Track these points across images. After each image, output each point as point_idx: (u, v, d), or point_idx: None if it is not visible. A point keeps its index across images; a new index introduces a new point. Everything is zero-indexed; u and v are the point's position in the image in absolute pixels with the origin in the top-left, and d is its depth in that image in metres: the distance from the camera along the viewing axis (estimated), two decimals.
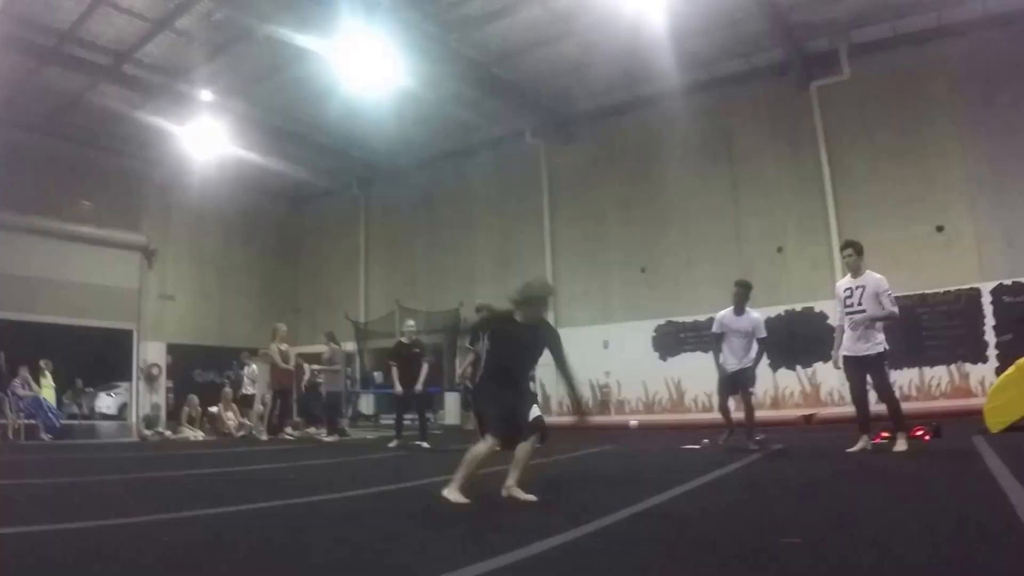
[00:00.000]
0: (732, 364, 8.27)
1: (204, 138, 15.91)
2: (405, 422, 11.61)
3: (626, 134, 16.28)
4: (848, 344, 7.39)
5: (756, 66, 14.53)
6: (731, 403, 8.65)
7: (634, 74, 14.76)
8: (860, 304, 7.30)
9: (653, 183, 15.78)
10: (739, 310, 8.32)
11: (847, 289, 7.46)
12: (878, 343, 7.26)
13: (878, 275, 7.40)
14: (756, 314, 8.40)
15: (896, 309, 7.37)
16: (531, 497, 4.48)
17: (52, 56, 14.26)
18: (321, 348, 14.51)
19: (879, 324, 7.29)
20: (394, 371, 11.08)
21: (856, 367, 7.39)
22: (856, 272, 7.49)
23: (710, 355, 8.95)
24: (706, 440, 8.64)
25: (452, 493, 4.41)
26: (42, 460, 9.63)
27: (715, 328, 8.50)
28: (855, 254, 7.50)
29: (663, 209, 15.64)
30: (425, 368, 11.12)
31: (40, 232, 16.52)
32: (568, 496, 5.28)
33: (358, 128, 17.06)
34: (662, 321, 15.26)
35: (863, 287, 7.33)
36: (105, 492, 6.08)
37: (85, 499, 5.55)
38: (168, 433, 15.51)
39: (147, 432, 15.50)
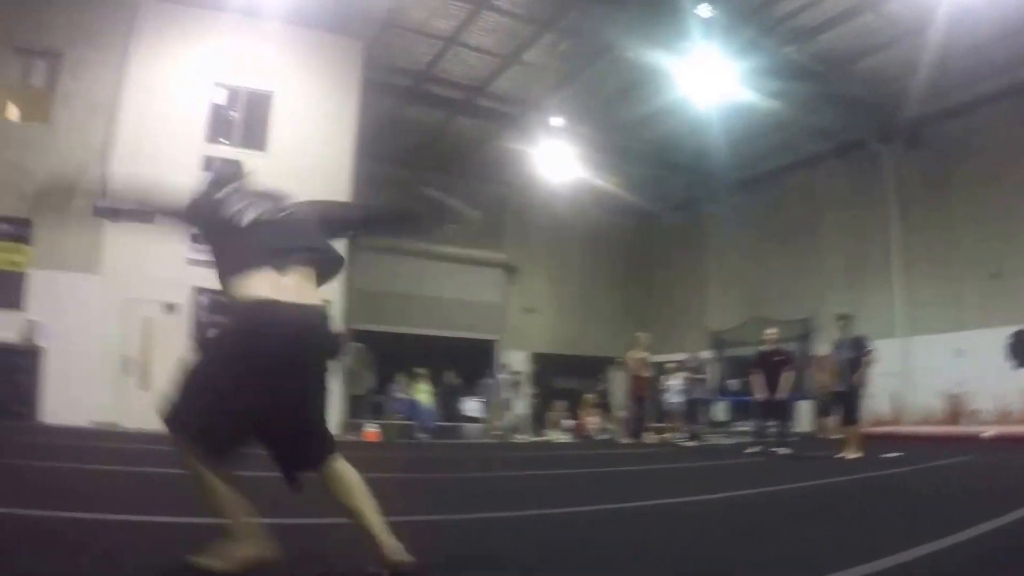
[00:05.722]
0: None
1: (556, 161, 16.87)
2: (767, 429, 11.52)
3: (971, 134, 15.12)
4: None
5: None
6: None
7: (974, 72, 13.85)
8: None
9: (1003, 184, 14.61)
10: None
11: None
12: None
13: None
14: None
15: None
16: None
17: (411, 95, 16.17)
18: (677, 356, 14.72)
19: None
20: (757, 378, 11.07)
21: None
22: None
23: None
24: None
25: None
26: (425, 456, 10.79)
27: None
28: None
29: (1016, 210, 14.37)
30: (788, 376, 10.93)
31: (412, 253, 18.73)
32: (928, 508, 5.12)
33: (703, 143, 17.26)
34: (1018, 328, 13.96)
35: None
36: (496, 487, 6.62)
37: (475, 493, 6.06)
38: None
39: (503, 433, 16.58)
